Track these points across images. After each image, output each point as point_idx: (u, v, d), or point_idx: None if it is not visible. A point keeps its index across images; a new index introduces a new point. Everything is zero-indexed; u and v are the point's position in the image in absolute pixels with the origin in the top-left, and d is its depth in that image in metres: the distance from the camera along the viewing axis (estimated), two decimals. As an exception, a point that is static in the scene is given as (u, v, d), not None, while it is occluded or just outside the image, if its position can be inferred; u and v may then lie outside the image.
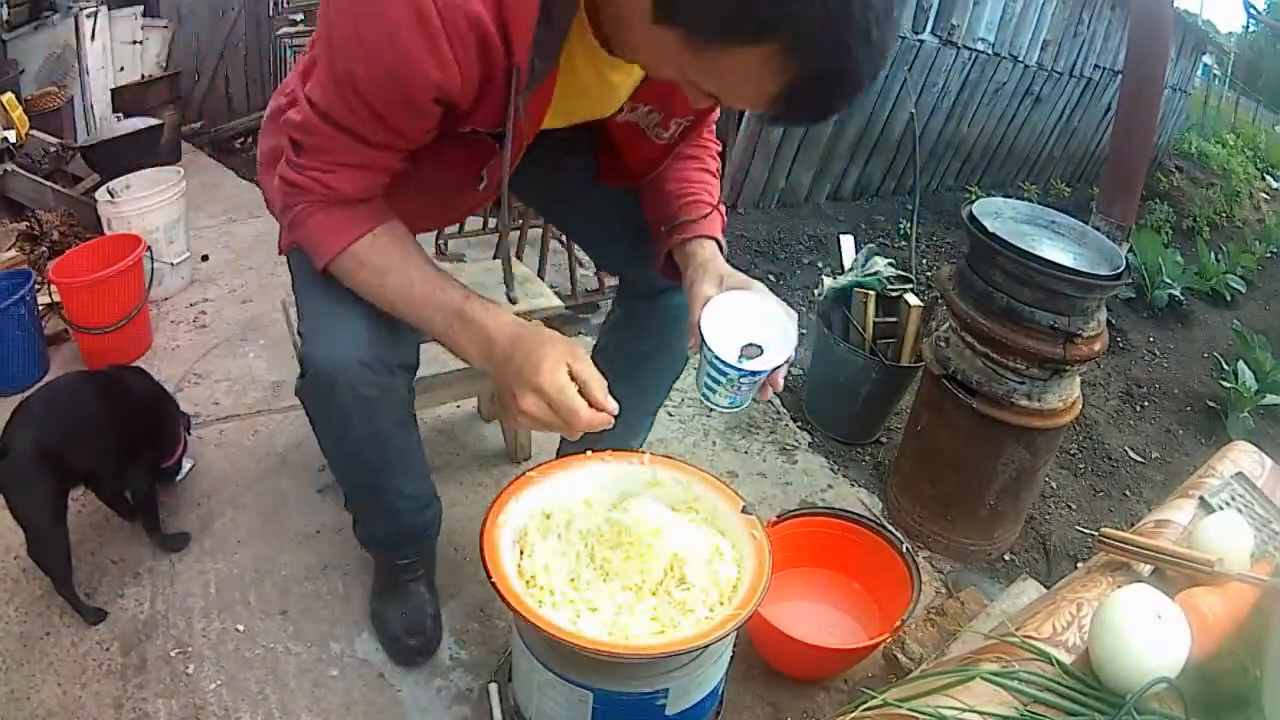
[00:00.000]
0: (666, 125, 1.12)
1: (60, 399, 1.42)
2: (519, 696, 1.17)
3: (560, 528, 1.11)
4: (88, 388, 1.46)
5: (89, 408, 1.42)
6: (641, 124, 1.12)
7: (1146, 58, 2.11)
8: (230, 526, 1.62)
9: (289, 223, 0.99)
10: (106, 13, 3.54)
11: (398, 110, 0.87)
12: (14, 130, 2.82)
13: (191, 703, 1.29)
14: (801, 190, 3.97)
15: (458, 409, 2.00)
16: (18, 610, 1.41)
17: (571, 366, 0.90)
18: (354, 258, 0.96)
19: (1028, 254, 1.47)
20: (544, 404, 0.90)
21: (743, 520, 1.11)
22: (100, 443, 1.41)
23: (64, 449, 1.35)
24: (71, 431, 1.37)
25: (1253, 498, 1.13)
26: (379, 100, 0.85)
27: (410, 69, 0.80)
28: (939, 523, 1.77)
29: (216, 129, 4.08)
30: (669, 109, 1.09)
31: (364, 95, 0.85)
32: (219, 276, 2.59)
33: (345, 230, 0.95)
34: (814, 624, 1.46)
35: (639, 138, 1.14)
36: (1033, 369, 1.55)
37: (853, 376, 2.05)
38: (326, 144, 0.91)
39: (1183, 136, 7.21)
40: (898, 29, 1.02)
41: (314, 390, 1.08)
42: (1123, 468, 2.52)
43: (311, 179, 0.93)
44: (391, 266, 0.97)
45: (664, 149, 1.15)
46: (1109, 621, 0.84)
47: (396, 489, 1.25)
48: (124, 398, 1.50)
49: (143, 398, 1.55)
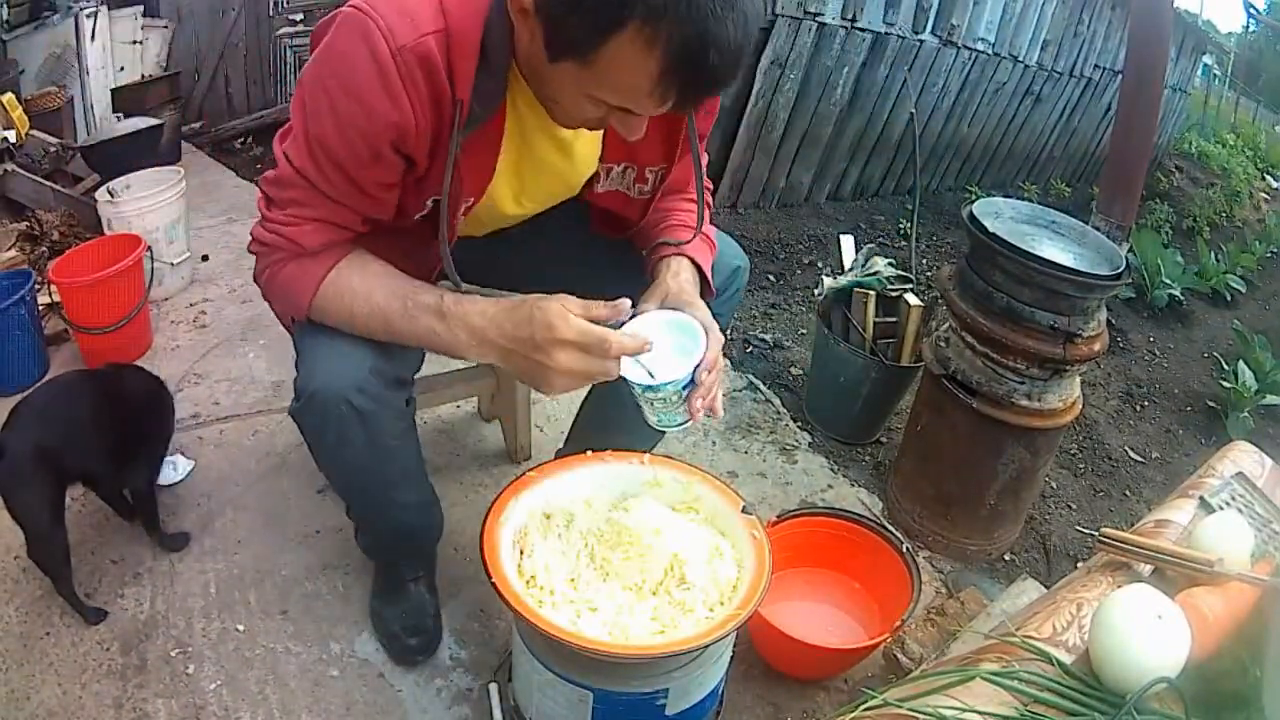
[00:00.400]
0: (643, 178, 1.15)
1: (57, 399, 1.41)
2: (519, 696, 1.17)
3: (560, 528, 1.11)
4: (85, 387, 1.45)
5: (86, 407, 1.41)
6: (621, 188, 1.16)
7: (1146, 58, 2.11)
8: (230, 526, 1.62)
9: (265, 285, 1.04)
10: (106, 13, 3.54)
11: (365, 164, 0.93)
12: (14, 130, 2.82)
13: (191, 703, 1.29)
14: (801, 190, 3.97)
15: (458, 409, 2.00)
16: (18, 610, 1.41)
17: (574, 311, 0.93)
18: (324, 295, 1.00)
19: (1028, 254, 1.47)
20: (576, 352, 0.92)
21: (743, 520, 1.11)
22: (98, 442, 1.41)
23: (61, 449, 1.34)
24: (69, 431, 1.37)
25: (1253, 498, 1.13)
26: (347, 158, 0.92)
27: (370, 115, 0.88)
28: (939, 523, 1.77)
29: (216, 129, 4.07)
30: (636, 159, 1.12)
31: (333, 154, 0.92)
32: (219, 276, 2.59)
33: (312, 274, 0.99)
34: (814, 624, 1.46)
35: (625, 202, 1.18)
36: (1033, 369, 1.55)
37: (853, 376, 2.05)
38: (297, 197, 0.96)
39: (1183, 136, 7.22)
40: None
41: (309, 410, 1.03)
42: (1123, 468, 2.52)
43: (279, 235, 0.98)
44: (362, 290, 0.99)
45: (647, 203, 1.18)
46: (1109, 621, 0.84)
47: (399, 501, 1.24)
48: (122, 397, 1.49)
49: (141, 396, 1.54)
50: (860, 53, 3.69)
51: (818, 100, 3.69)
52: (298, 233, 0.97)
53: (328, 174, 0.94)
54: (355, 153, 0.91)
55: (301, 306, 1.01)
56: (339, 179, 0.94)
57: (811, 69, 3.56)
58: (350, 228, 1.01)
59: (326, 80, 0.90)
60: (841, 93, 3.75)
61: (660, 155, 1.12)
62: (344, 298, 1.00)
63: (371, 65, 0.85)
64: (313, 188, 0.95)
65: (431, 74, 0.87)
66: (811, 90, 3.63)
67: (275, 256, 1.00)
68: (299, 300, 1.01)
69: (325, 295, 1.00)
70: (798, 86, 3.56)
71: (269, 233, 0.99)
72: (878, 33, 3.68)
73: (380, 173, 0.95)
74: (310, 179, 0.95)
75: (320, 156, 0.92)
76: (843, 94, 3.76)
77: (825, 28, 3.48)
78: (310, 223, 0.97)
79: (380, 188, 0.97)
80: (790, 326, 2.83)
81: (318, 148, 0.92)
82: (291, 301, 1.02)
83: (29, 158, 2.85)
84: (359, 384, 1.01)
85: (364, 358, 1.03)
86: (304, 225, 0.97)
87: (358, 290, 0.99)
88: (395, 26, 0.84)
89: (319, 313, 1.01)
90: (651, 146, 1.09)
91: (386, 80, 0.86)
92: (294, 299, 1.01)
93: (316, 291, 0.99)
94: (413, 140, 0.92)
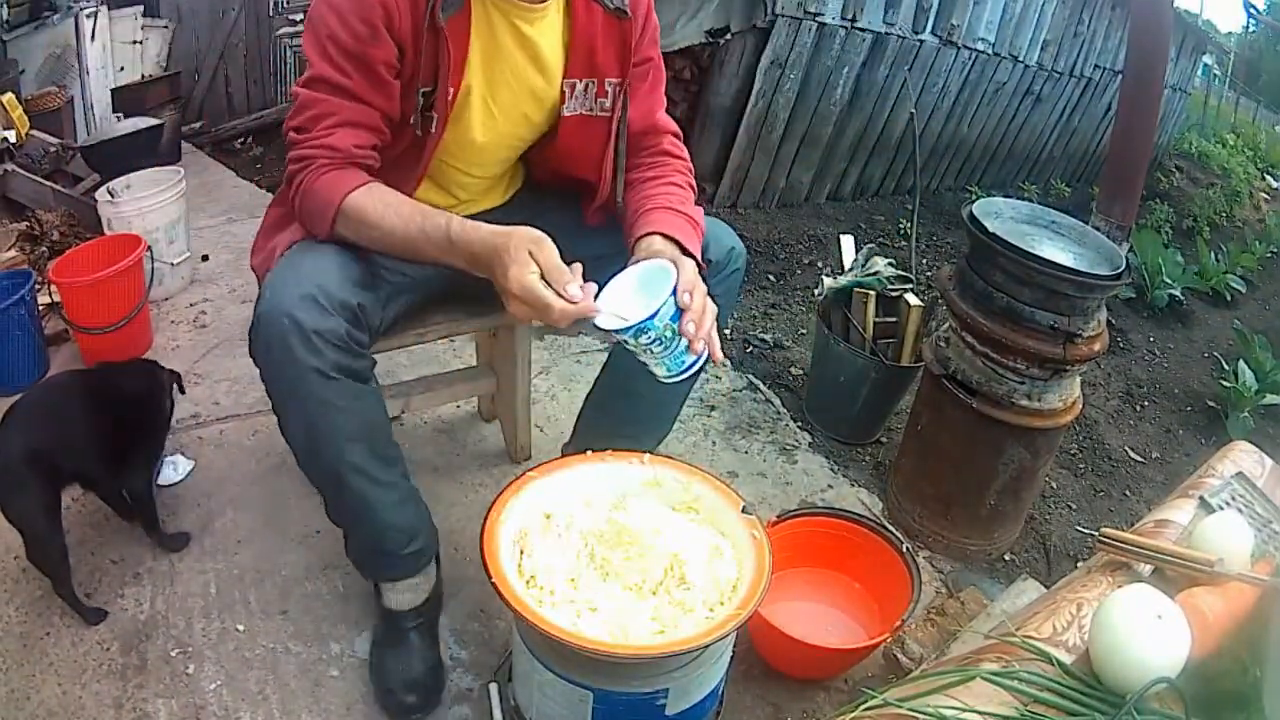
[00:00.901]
0: (603, 91, 1.26)
1: (50, 401, 1.40)
2: (519, 696, 1.17)
3: (560, 528, 1.11)
4: (78, 388, 1.44)
5: (79, 409, 1.40)
6: (587, 109, 1.27)
7: (1146, 58, 2.11)
8: (230, 526, 1.62)
9: (299, 194, 1.13)
10: (106, 13, 3.55)
11: (367, 42, 1.07)
12: (14, 130, 2.83)
13: (191, 703, 1.29)
14: (801, 190, 3.98)
15: (458, 409, 2.00)
16: (18, 610, 1.41)
17: (537, 260, 0.98)
18: (354, 204, 1.09)
19: (1028, 254, 1.47)
20: (522, 304, 0.98)
21: (743, 520, 1.11)
22: (91, 444, 1.39)
23: (55, 451, 1.34)
24: (62, 433, 1.36)
25: (1253, 498, 1.13)
26: (352, 40, 1.07)
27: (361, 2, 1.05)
28: (939, 522, 1.77)
29: (216, 129, 4.08)
30: (595, 71, 1.24)
31: (341, 43, 1.07)
32: (219, 276, 2.59)
33: (345, 183, 1.09)
34: (814, 624, 1.46)
35: (592, 127, 1.27)
36: (1033, 369, 1.55)
37: (853, 376, 2.05)
38: (323, 109, 1.09)
39: (1183, 136, 7.21)
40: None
41: (256, 335, 1.07)
42: (1123, 468, 2.52)
43: (315, 147, 1.10)
44: (388, 203, 1.10)
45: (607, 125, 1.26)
46: (1109, 621, 0.84)
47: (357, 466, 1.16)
48: (115, 396, 1.47)
49: (134, 396, 1.52)
50: (860, 53, 3.69)
51: (818, 100, 3.69)
52: (333, 138, 1.09)
53: (341, 65, 1.08)
54: (358, 34, 1.07)
55: (329, 210, 1.09)
56: (352, 67, 1.08)
57: (811, 69, 3.56)
58: (374, 127, 1.12)
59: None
60: (841, 93, 3.76)
61: (616, 67, 1.24)
62: (365, 213, 1.09)
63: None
64: (333, 90, 1.09)
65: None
66: (811, 90, 3.63)
67: (310, 167, 1.10)
68: (329, 205, 1.09)
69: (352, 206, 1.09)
70: (798, 86, 3.57)
71: (304, 149, 1.10)
72: (878, 33, 3.68)
73: (382, 51, 1.08)
74: (329, 80, 1.08)
75: (332, 51, 1.07)
76: (843, 94, 3.77)
77: (825, 28, 3.48)
78: (339, 128, 1.09)
79: (386, 68, 1.10)
80: (790, 326, 2.83)
81: (329, 44, 1.07)
82: (320, 206, 1.10)
83: (29, 158, 2.86)
84: (302, 297, 1.05)
85: (314, 276, 1.07)
86: (334, 132, 1.09)
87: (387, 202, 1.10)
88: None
89: (343, 217, 1.09)
90: (607, 58, 1.23)
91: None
92: (325, 202, 1.09)
93: (345, 199, 1.08)
94: (397, 20, 1.07)
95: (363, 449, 1.17)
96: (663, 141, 1.34)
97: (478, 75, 1.18)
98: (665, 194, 1.24)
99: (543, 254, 0.98)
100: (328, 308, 1.06)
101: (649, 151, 1.33)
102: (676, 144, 1.35)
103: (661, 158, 1.32)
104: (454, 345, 2.24)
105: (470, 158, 1.29)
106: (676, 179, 1.29)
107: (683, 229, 1.16)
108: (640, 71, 1.27)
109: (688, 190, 1.28)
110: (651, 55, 1.29)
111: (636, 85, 1.27)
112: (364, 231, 1.10)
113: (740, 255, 1.34)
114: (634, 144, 1.32)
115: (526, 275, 0.97)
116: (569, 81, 1.24)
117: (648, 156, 1.33)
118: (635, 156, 1.32)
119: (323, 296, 1.06)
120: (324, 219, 1.10)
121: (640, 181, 1.29)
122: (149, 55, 3.96)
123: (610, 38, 1.22)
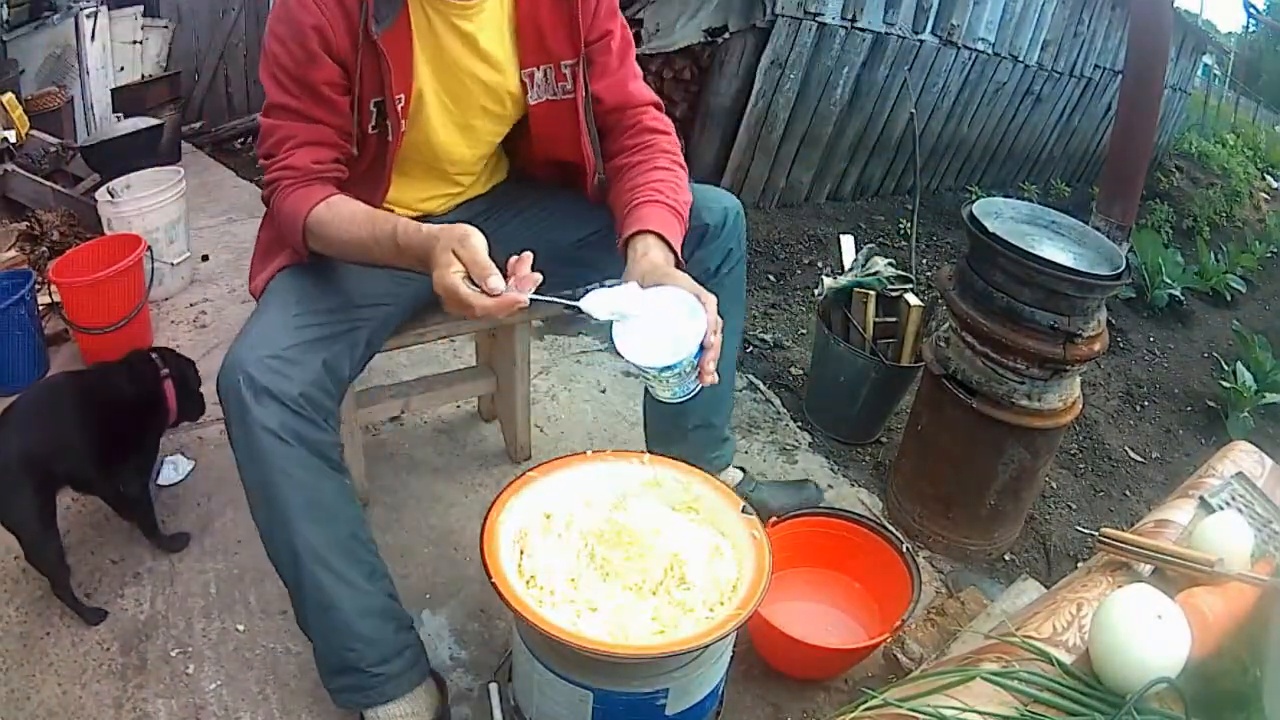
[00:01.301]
0: (561, 75, 1.26)
1: (43, 405, 1.39)
2: (519, 696, 1.17)
3: (560, 528, 1.11)
4: (70, 392, 1.43)
5: (72, 412, 1.39)
6: (551, 94, 1.28)
7: (1146, 58, 2.11)
8: (230, 526, 1.62)
9: (274, 216, 1.19)
10: (106, 13, 3.54)
11: (306, 65, 1.12)
12: (14, 130, 2.83)
13: (191, 703, 1.29)
14: (801, 190, 3.97)
15: (458, 409, 2.00)
16: (18, 610, 1.41)
17: (460, 258, 0.95)
18: (315, 219, 1.12)
19: (1028, 254, 1.47)
20: (451, 304, 0.96)
21: (743, 520, 1.11)
22: (84, 447, 1.39)
23: (47, 455, 1.33)
24: (54, 437, 1.35)
25: (1253, 498, 1.13)
26: (293, 66, 1.12)
27: (296, 24, 1.10)
28: (939, 522, 1.77)
29: (216, 129, 4.08)
30: (549, 55, 1.25)
31: (285, 67, 1.12)
32: (219, 276, 2.59)
33: (308, 200, 1.13)
34: (814, 624, 1.46)
35: (560, 111, 1.28)
36: (1033, 369, 1.55)
37: (853, 376, 2.05)
38: (283, 134, 1.15)
39: (1183, 136, 7.21)
40: None
41: (219, 386, 1.08)
42: (1123, 468, 2.52)
43: (279, 169, 1.15)
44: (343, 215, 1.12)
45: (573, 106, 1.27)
46: (1109, 621, 0.84)
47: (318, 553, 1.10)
48: (109, 400, 1.46)
49: (131, 399, 1.50)
50: (860, 53, 3.69)
51: (818, 100, 3.69)
52: (294, 158, 1.14)
53: (290, 89, 1.13)
54: (297, 59, 1.11)
55: (298, 222, 1.12)
56: (299, 90, 1.13)
57: (811, 69, 3.56)
58: (331, 144, 1.17)
59: (272, 21, 1.13)
60: (841, 93, 3.75)
61: (568, 48, 1.24)
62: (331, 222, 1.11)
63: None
64: (288, 115, 1.14)
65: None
66: (811, 90, 3.63)
67: (278, 188, 1.15)
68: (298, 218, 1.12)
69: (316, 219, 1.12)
70: (798, 86, 3.56)
71: (271, 173, 1.16)
72: (878, 33, 3.68)
73: (322, 72, 1.12)
74: (281, 104, 1.14)
75: (281, 77, 1.13)
76: (843, 94, 3.76)
77: (825, 28, 3.48)
78: (298, 148, 1.14)
79: (331, 88, 1.14)
80: (790, 326, 2.83)
81: (278, 71, 1.13)
82: (290, 220, 1.14)
83: (29, 158, 2.86)
84: (259, 357, 1.07)
85: (275, 343, 1.09)
86: (294, 153, 1.14)
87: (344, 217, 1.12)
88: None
89: (311, 228, 1.12)
90: (558, 41, 1.24)
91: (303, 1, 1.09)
92: (295, 215, 1.13)
93: (311, 211, 1.12)
94: (333, 39, 1.11)
95: (323, 535, 1.11)
96: (644, 117, 1.31)
97: (427, 78, 1.21)
98: (653, 183, 1.21)
99: (466, 251, 0.95)
100: (281, 371, 1.07)
101: (631, 130, 1.30)
102: (658, 116, 1.32)
103: (646, 136, 1.29)
104: (454, 345, 2.24)
105: (441, 155, 1.30)
106: (661, 160, 1.26)
107: (672, 227, 1.15)
108: (600, 46, 1.26)
109: (675, 170, 1.26)
110: (610, 28, 1.27)
111: (600, 60, 1.27)
112: (330, 245, 1.13)
113: (735, 211, 1.36)
114: (612, 122, 1.30)
115: (448, 275, 0.94)
116: (527, 71, 1.25)
117: (630, 136, 1.30)
118: (618, 137, 1.31)
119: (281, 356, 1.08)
120: (296, 238, 1.14)
121: (628, 168, 1.26)
122: (149, 55, 3.96)
123: (558, 19, 1.22)
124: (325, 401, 1.12)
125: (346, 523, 1.15)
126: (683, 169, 1.28)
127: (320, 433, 1.10)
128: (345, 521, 1.14)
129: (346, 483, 1.16)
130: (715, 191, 1.37)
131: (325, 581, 1.11)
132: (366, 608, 1.15)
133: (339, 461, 1.15)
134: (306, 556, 1.10)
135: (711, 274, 1.34)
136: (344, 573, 1.13)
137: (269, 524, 1.11)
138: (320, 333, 1.16)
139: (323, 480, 1.11)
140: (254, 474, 1.09)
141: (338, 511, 1.13)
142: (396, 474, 1.79)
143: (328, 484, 1.12)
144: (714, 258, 1.34)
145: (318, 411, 1.10)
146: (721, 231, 1.34)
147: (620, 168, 1.28)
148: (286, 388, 1.06)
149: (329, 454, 1.12)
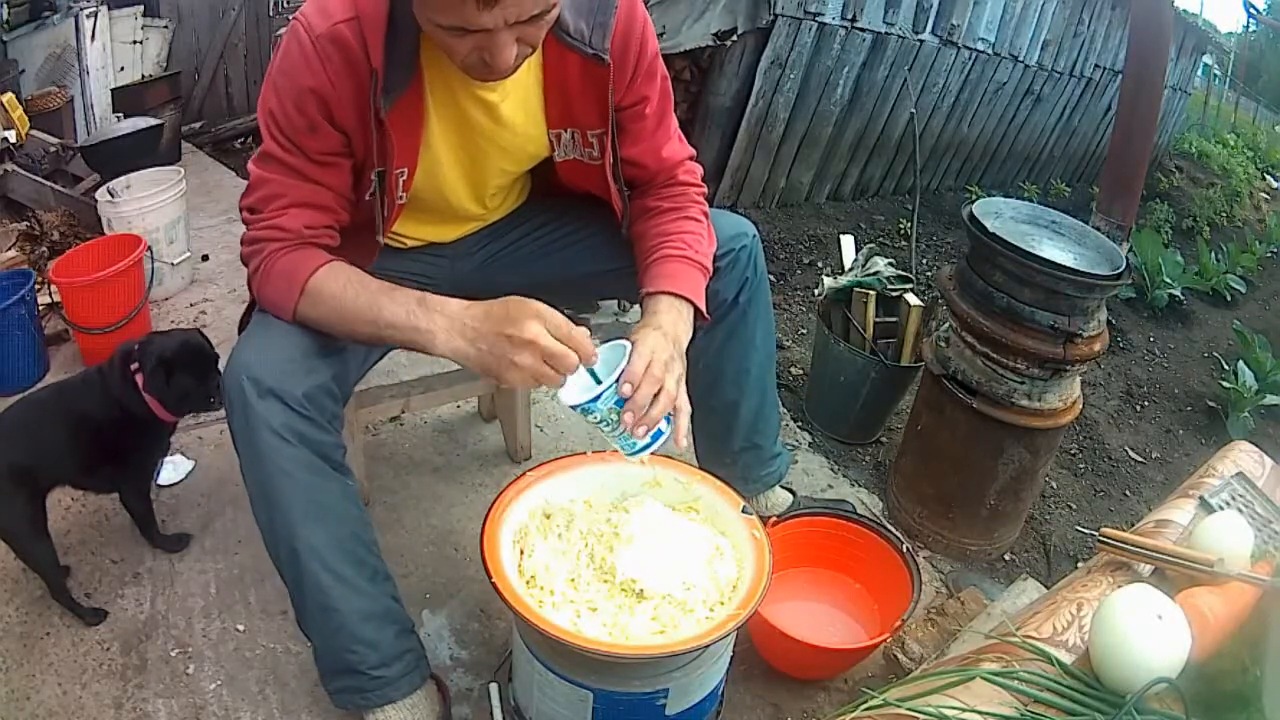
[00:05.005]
0: (587, 143, 1.21)
1: (30, 416, 1.38)
2: (519, 696, 1.17)
3: (560, 528, 1.12)
4: (60, 401, 1.41)
5: (55, 422, 1.37)
6: (578, 155, 1.24)
7: (1146, 58, 2.11)
8: (230, 526, 1.62)
9: (258, 279, 1.10)
10: (106, 13, 3.54)
11: (305, 133, 1.06)
12: (14, 130, 2.82)
13: (191, 703, 1.29)
14: (801, 190, 3.97)
15: (458, 409, 2.00)
16: (18, 610, 1.41)
17: (546, 320, 0.97)
18: (315, 287, 1.06)
19: (1028, 254, 1.47)
20: (536, 356, 0.97)
21: (743, 520, 1.11)
22: (70, 457, 1.37)
23: (35, 466, 1.33)
24: (41, 448, 1.35)
25: (1253, 498, 1.14)
26: (291, 128, 1.05)
27: (297, 87, 1.03)
28: (939, 522, 1.77)
29: (216, 129, 4.08)
30: (575, 122, 1.20)
31: (282, 125, 1.06)
32: (219, 276, 2.59)
33: (304, 266, 1.07)
34: (814, 624, 1.46)
35: (588, 170, 1.25)
36: (1033, 369, 1.55)
37: (853, 376, 2.05)
38: (273, 189, 1.08)
39: (1183, 136, 7.21)
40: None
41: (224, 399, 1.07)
42: (1123, 468, 2.52)
43: (267, 228, 1.08)
44: (354, 278, 1.07)
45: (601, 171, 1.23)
46: (1109, 621, 0.84)
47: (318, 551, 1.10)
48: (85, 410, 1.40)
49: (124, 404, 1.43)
50: (860, 53, 3.69)
51: (818, 100, 3.69)
52: (284, 219, 1.07)
53: (285, 147, 1.06)
54: (295, 123, 1.05)
55: (291, 297, 1.07)
56: (294, 150, 1.06)
57: (811, 69, 3.56)
58: (326, 207, 1.10)
59: (273, 70, 1.07)
60: (841, 93, 3.75)
61: (596, 118, 1.18)
62: (327, 294, 1.06)
63: (298, 50, 1.03)
64: (282, 168, 1.07)
65: (346, 51, 1.02)
66: (811, 90, 3.63)
67: (267, 250, 1.08)
68: (291, 291, 1.06)
69: (312, 290, 1.06)
70: (798, 86, 3.56)
71: (257, 230, 1.09)
72: (878, 33, 3.68)
73: (321, 142, 1.07)
74: (277, 157, 1.07)
75: (276, 131, 1.06)
76: (843, 94, 3.76)
77: (825, 28, 3.47)
78: (290, 208, 1.08)
79: (328, 155, 1.08)
80: (790, 326, 2.83)
81: (273, 124, 1.06)
82: (281, 293, 1.08)
83: (29, 158, 2.86)
84: (264, 359, 1.06)
85: (280, 348, 1.07)
86: (285, 213, 1.08)
87: (351, 278, 1.07)
88: (313, 20, 1.02)
89: (306, 302, 1.07)
90: (586, 109, 1.18)
91: (308, 59, 1.02)
92: (287, 288, 1.07)
93: (307, 282, 1.06)
94: (337, 108, 1.05)
95: (324, 536, 1.10)
96: (678, 171, 1.30)
97: (441, 147, 1.16)
98: (684, 234, 1.22)
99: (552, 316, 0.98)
100: (287, 372, 1.06)
101: (664, 184, 1.30)
102: (691, 169, 1.31)
103: (678, 188, 1.29)
104: (454, 345, 2.24)
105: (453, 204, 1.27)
106: (693, 211, 1.26)
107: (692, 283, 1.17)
108: (632, 113, 1.21)
109: (704, 221, 1.26)
110: (646, 94, 1.21)
111: (633, 127, 1.22)
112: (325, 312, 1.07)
113: (748, 238, 1.34)
114: (645, 178, 1.29)
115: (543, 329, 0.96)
116: (554, 132, 1.20)
117: (663, 188, 1.30)
118: (650, 189, 1.30)
119: (286, 359, 1.07)
120: (288, 301, 1.07)
121: (659, 211, 1.26)
122: (149, 55, 3.95)
123: (588, 86, 1.15)
124: (329, 404, 1.11)
125: (349, 524, 1.14)
126: (708, 218, 1.28)
127: (323, 434, 1.10)
128: (347, 523, 1.14)
129: (350, 485, 1.15)
130: (728, 219, 1.34)
131: (325, 582, 1.11)
132: (367, 610, 1.15)
133: (342, 463, 1.14)
134: (306, 557, 1.10)
135: (730, 304, 1.32)
136: (345, 574, 1.13)
137: (270, 523, 1.11)
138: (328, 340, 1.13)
139: (325, 481, 1.11)
140: (256, 473, 1.08)
141: (340, 513, 1.13)
142: (396, 474, 1.79)
143: (330, 485, 1.12)
144: (730, 289, 1.32)
145: (321, 413, 1.09)
146: (735, 265, 1.31)
147: (650, 210, 1.27)
148: (291, 388, 1.06)
149: (332, 455, 1.12)
